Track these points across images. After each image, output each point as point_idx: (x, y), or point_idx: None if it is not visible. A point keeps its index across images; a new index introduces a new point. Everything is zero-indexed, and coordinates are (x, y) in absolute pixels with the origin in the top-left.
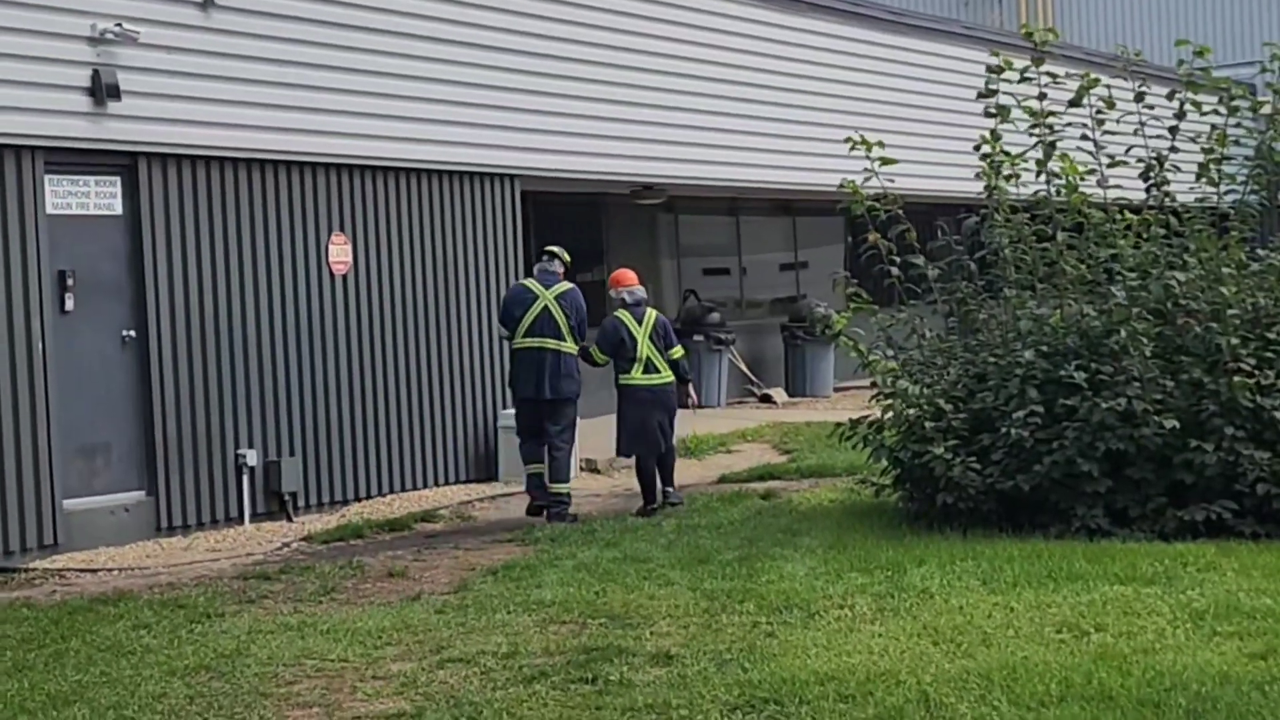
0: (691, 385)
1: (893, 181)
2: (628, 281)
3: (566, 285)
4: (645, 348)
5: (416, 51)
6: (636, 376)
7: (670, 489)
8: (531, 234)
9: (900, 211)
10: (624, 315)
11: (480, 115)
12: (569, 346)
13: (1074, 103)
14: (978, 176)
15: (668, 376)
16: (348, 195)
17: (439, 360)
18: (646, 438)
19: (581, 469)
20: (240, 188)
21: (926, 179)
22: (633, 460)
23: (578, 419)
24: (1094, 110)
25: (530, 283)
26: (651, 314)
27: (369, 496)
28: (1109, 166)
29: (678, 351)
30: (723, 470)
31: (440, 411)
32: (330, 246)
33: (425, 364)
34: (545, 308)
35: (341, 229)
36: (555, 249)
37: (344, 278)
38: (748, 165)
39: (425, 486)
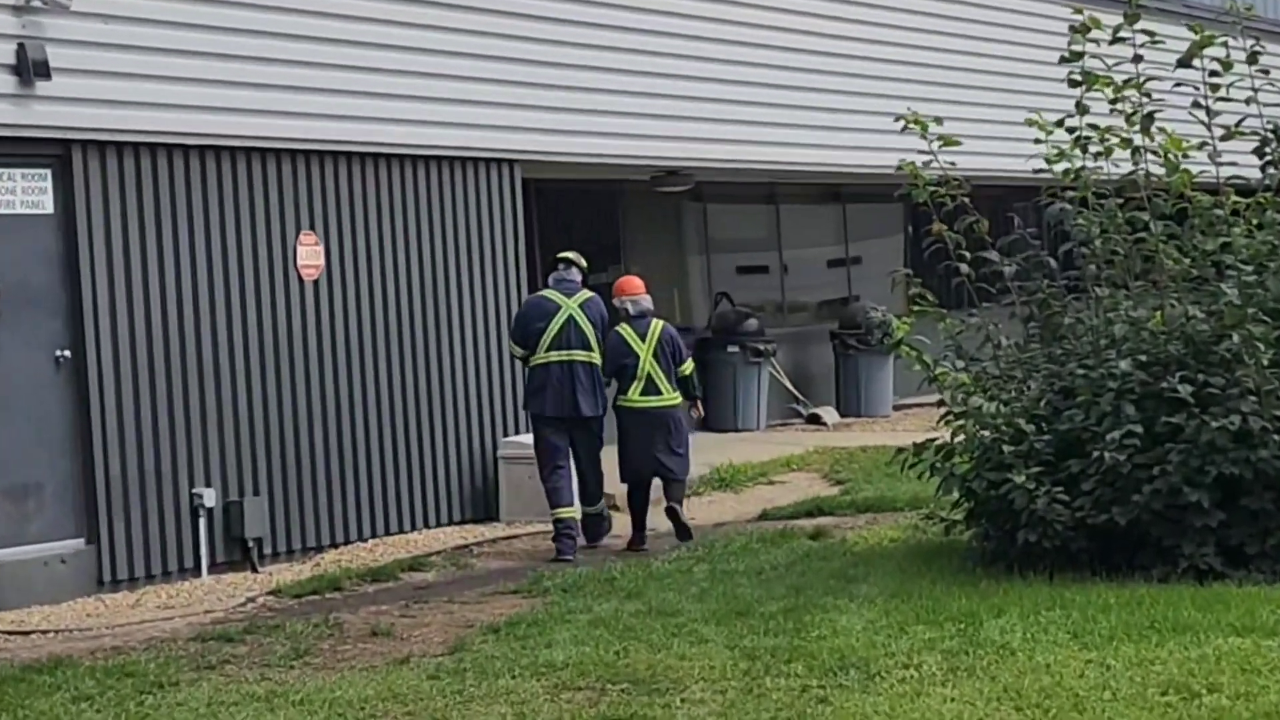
0: (699, 403)
1: (954, 164)
2: (633, 290)
3: (588, 293)
4: (647, 365)
5: (397, 16)
6: (634, 397)
7: (677, 509)
8: (535, 229)
9: (968, 198)
10: (626, 331)
11: (473, 90)
12: (599, 358)
13: (1183, 62)
14: (1060, 156)
15: (671, 398)
16: (318, 187)
17: (428, 381)
18: (641, 464)
19: None
20: (192, 180)
21: (998, 157)
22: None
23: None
24: (1206, 73)
25: (550, 293)
26: (657, 326)
27: (347, 542)
28: (1221, 140)
29: (687, 367)
30: (764, 505)
31: (430, 441)
32: (299, 248)
33: (412, 385)
34: (570, 318)
35: (311, 227)
36: (571, 255)
37: (315, 284)
38: (789, 145)
39: (413, 529)
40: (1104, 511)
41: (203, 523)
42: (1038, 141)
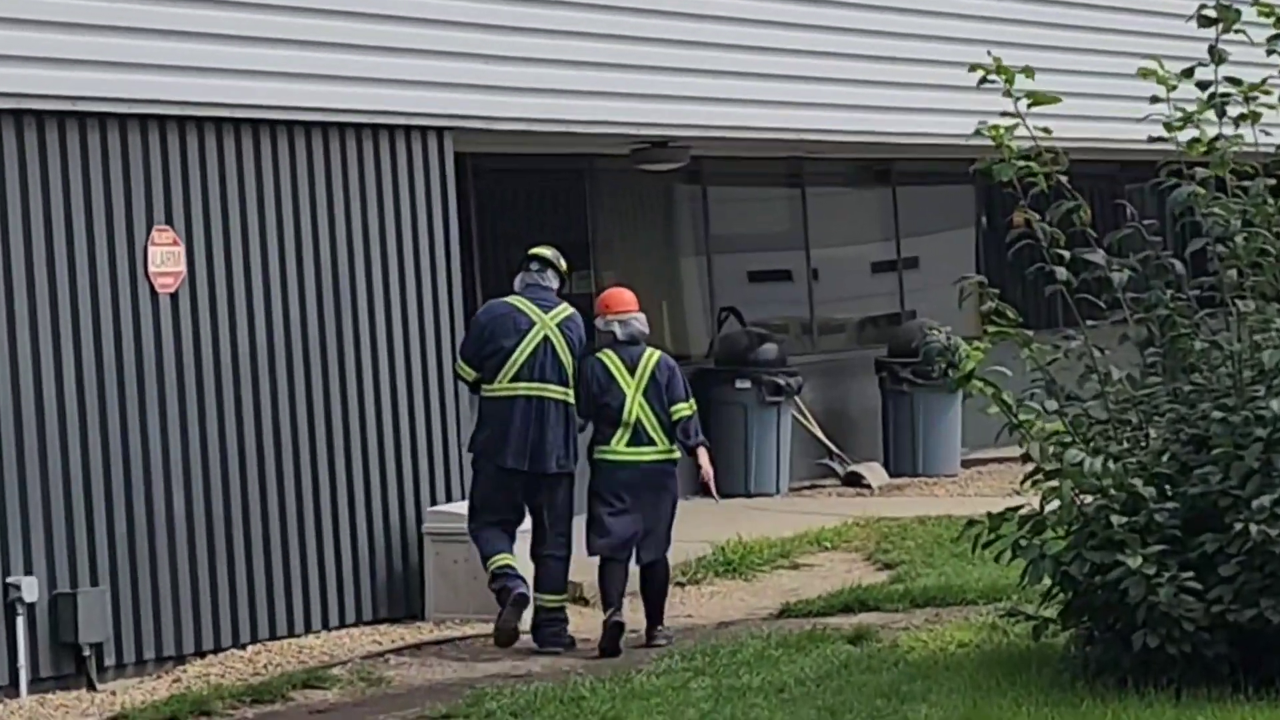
0: (705, 452)
1: (1048, 132)
2: (621, 307)
3: (568, 309)
4: (636, 407)
5: None
6: (618, 449)
7: (660, 627)
8: (474, 221)
9: (1065, 176)
10: (610, 359)
11: (386, 33)
12: (573, 396)
13: None
14: (1187, 120)
15: (665, 450)
16: (176, 166)
17: (328, 428)
18: (623, 531)
19: None
20: None
21: (1105, 122)
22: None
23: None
24: None
25: (520, 302)
26: (651, 356)
27: (219, 648)
28: None
29: (684, 409)
30: (785, 597)
31: (331, 510)
32: (150, 249)
33: (306, 435)
34: (545, 339)
35: (168, 220)
36: (547, 253)
37: (173, 298)
38: (819, 106)
39: (309, 631)
40: (1250, 605)
41: (21, 623)
42: (1155, 100)
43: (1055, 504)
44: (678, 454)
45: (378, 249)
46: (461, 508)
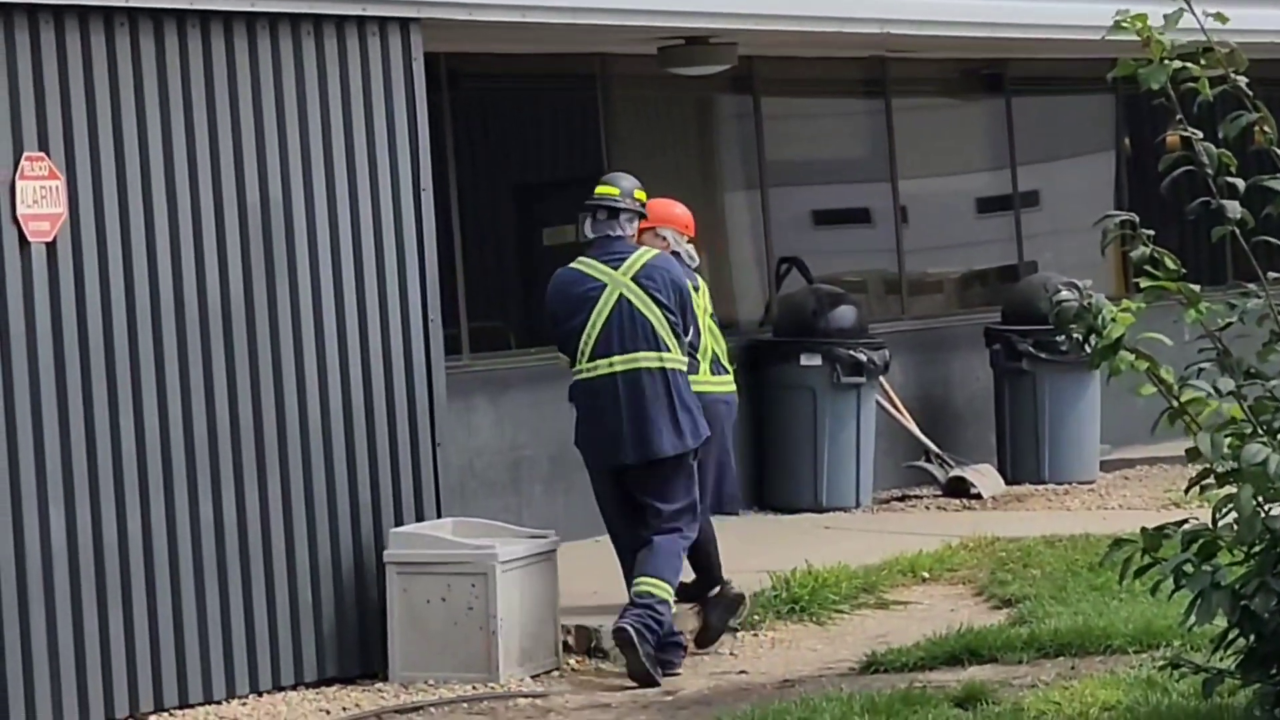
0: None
1: (1216, 18)
2: (684, 224)
3: (646, 254)
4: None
5: None
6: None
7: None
8: (451, 145)
9: (1244, 81)
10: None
11: None
12: (675, 358)
13: None
14: None
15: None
16: (53, 72)
17: (256, 421)
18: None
19: (568, 644)
20: None
21: None
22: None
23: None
24: None
25: (584, 264)
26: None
27: (111, 718)
28: None
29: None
30: (871, 646)
31: (262, 534)
32: (19, 184)
33: (227, 431)
34: (620, 300)
35: (42, 146)
36: (614, 192)
37: (49, 248)
38: None
39: (232, 695)
40: None
41: None
42: None
43: (1232, 517)
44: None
45: (322, 184)
46: (432, 529)
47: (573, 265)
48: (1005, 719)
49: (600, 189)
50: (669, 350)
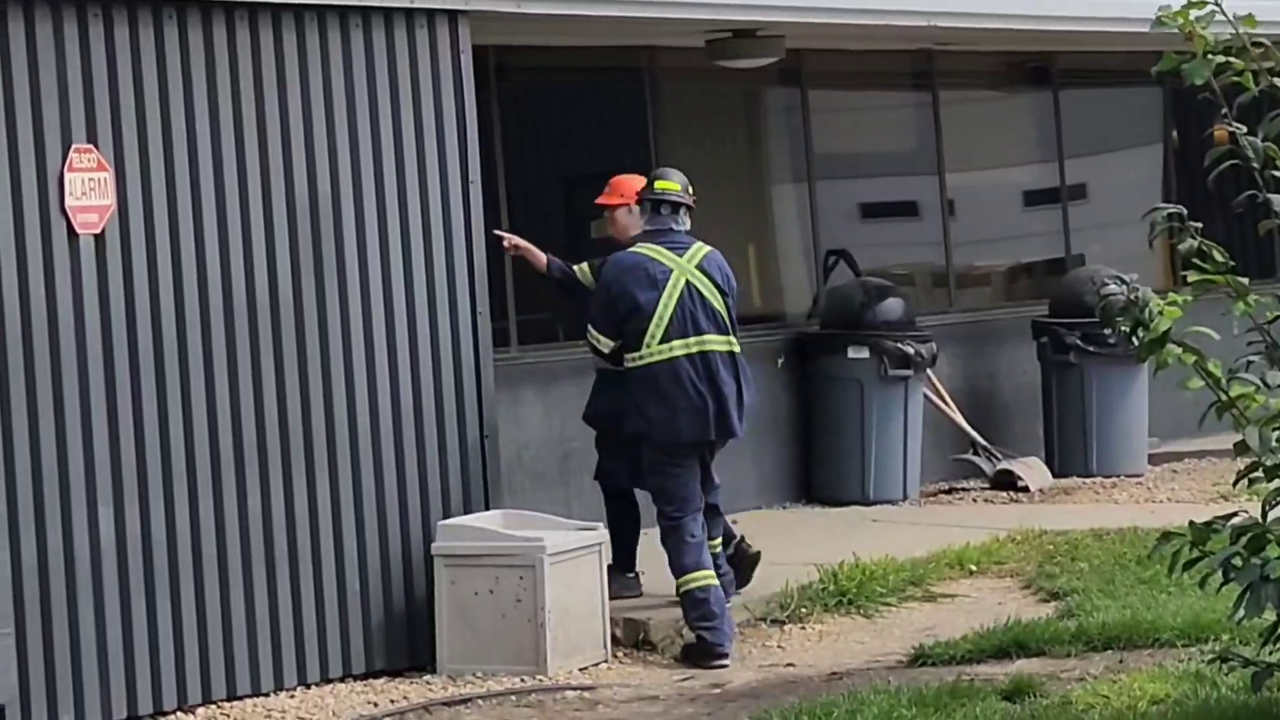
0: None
1: (1254, 26)
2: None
3: (705, 247)
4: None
5: None
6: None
7: None
8: (498, 137)
9: None
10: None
11: None
12: (737, 343)
13: None
14: None
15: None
16: (102, 66)
17: (304, 417)
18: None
19: (616, 637)
20: None
21: None
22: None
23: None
24: None
25: (652, 249)
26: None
27: (159, 712)
28: None
29: None
30: (918, 639)
31: (310, 528)
32: (67, 176)
33: (275, 423)
34: (689, 286)
35: (91, 138)
36: (673, 187)
37: (97, 240)
38: None
39: (280, 688)
40: None
41: None
42: None
43: None
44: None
45: (370, 177)
46: (481, 521)
47: (635, 250)
48: (1053, 712)
49: (662, 184)
50: (733, 335)
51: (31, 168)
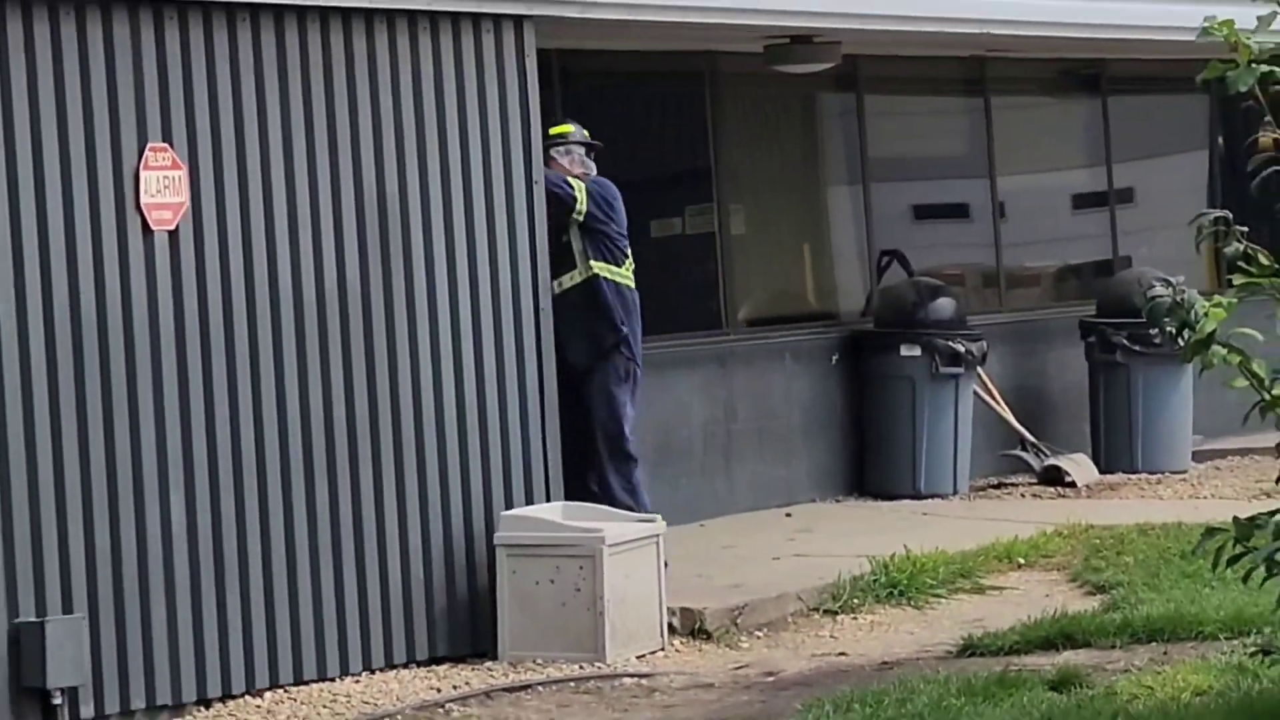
0: None
1: None
2: None
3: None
4: None
5: None
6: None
7: None
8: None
9: None
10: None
11: None
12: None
13: None
14: None
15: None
16: (177, 66)
17: (371, 408)
18: None
19: (672, 625)
20: None
21: None
22: None
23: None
24: None
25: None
26: None
27: (228, 695)
28: None
29: None
30: (967, 629)
31: (376, 518)
32: (142, 174)
33: (343, 418)
34: None
35: (166, 137)
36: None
37: (171, 237)
38: None
39: (346, 673)
40: None
41: None
42: None
43: None
44: None
45: (437, 178)
46: (542, 512)
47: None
48: (1098, 702)
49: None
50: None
51: (108, 166)
